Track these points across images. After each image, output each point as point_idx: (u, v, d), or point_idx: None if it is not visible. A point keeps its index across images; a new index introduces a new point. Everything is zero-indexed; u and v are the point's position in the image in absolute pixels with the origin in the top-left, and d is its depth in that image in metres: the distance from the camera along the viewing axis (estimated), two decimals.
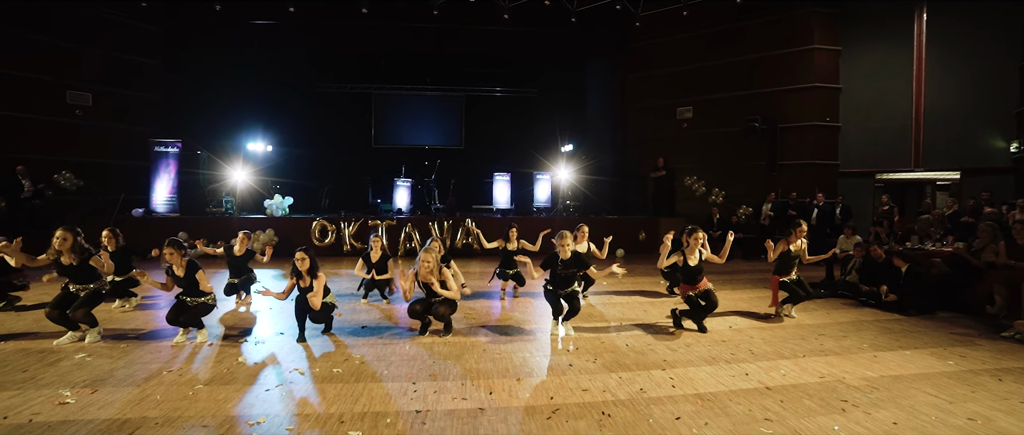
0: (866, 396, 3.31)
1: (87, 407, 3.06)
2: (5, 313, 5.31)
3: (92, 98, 10.79)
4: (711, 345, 4.39)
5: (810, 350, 4.28)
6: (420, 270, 4.42)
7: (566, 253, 4.52)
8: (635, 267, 9.06)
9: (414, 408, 3.06)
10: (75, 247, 4.19)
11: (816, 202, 9.98)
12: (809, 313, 5.60)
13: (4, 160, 9.39)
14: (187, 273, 4.30)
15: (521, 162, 13.55)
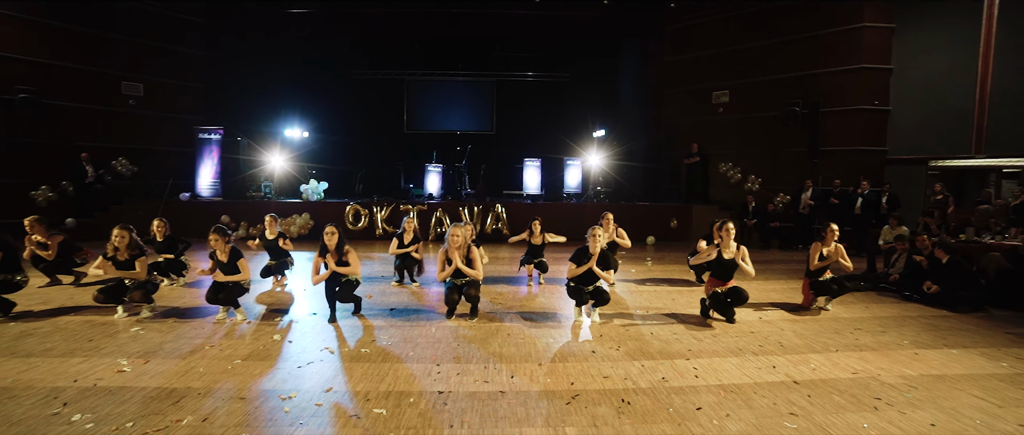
0: (903, 395, 3.17)
1: (140, 376, 3.31)
2: (75, 288, 5.82)
3: (144, 88, 11.35)
4: (739, 336, 4.30)
5: (844, 345, 4.13)
6: (449, 244, 4.47)
7: (596, 249, 4.48)
8: (665, 255, 8.92)
9: (437, 389, 3.14)
10: (131, 244, 4.54)
11: (860, 190, 9.47)
12: (845, 306, 5.38)
13: (70, 148, 10.05)
14: (230, 259, 4.53)
15: (552, 148, 13.45)
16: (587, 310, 4.74)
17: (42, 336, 4.12)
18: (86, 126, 10.55)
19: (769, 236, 10.26)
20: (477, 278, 4.55)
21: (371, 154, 14.03)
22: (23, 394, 3.06)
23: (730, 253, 4.65)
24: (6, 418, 2.76)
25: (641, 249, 9.65)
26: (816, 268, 5.09)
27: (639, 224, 10.32)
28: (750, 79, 11.61)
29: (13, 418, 2.76)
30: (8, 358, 3.64)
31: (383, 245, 9.63)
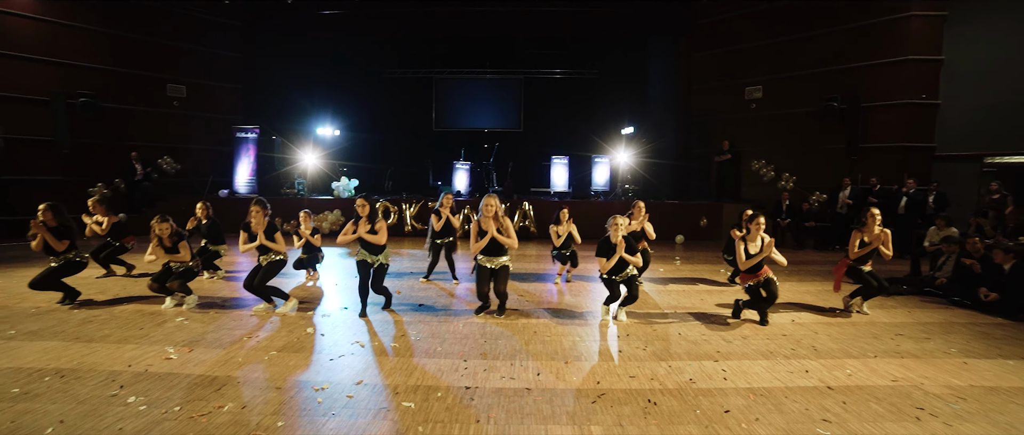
0: (949, 406, 3.00)
1: (186, 363, 3.49)
2: (128, 279, 6.24)
3: (186, 90, 11.86)
4: (770, 338, 4.19)
5: (883, 351, 3.97)
6: (484, 213, 4.48)
7: (617, 236, 4.45)
8: (695, 254, 8.76)
9: (464, 384, 3.20)
10: (173, 232, 4.83)
11: (905, 189, 9.00)
12: (886, 310, 5.17)
13: (120, 147, 10.62)
14: (266, 231, 4.68)
15: (579, 145, 13.37)
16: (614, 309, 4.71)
17: (100, 323, 4.40)
18: (136, 126, 11.11)
19: (804, 236, 9.92)
20: (512, 246, 4.53)
21: (400, 152, 14.26)
22: (87, 376, 3.30)
23: (755, 247, 4.53)
24: (74, 396, 3.01)
25: (669, 248, 9.51)
26: (857, 256, 4.85)
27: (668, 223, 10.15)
28: (784, 74, 11.22)
29: (80, 397, 3.00)
30: (73, 342, 3.93)
31: (412, 241, 9.81)
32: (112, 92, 10.78)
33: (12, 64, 9.84)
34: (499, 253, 4.55)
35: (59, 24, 10.25)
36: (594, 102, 14.48)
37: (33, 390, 3.10)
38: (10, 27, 9.79)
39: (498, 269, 4.59)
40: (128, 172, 10.35)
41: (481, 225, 4.49)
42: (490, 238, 4.44)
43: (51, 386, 3.15)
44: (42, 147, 10.16)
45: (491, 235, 4.44)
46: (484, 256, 4.58)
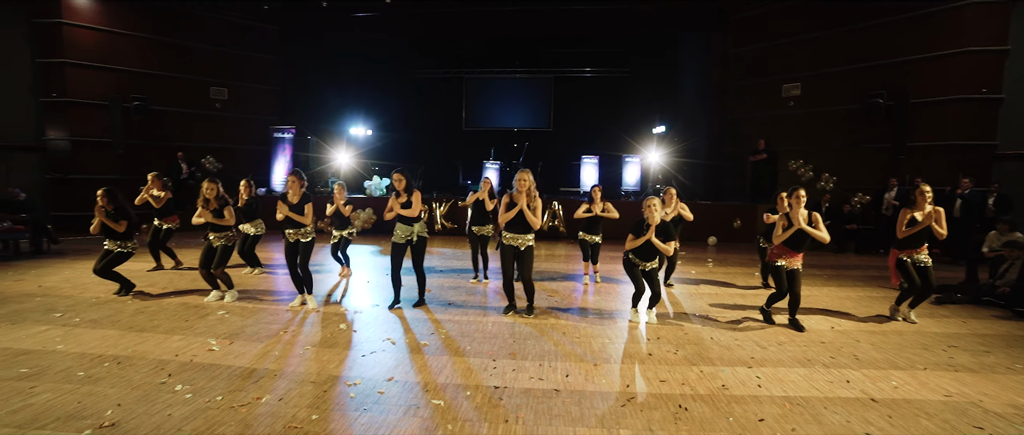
0: (1013, 426, 2.78)
1: (227, 355, 3.65)
2: (174, 271, 6.61)
3: (227, 92, 12.37)
4: (807, 345, 4.05)
5: (935, 363, 3.75)
6: (517, 187, 4.50)
7: (655, 219, 4.38)
8: (728, 256, 8.55)
9: (493, 384, 3.22)
10: (219, 196, 5.07)
11: (959, 190, 8.41)
12: (937, 319, 4.90)
13: (168, 147, 11.18)
14: (300, 202, 4.81)
15: (610, 144, 13.23)
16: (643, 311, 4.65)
17: (150, 314, 4.65)
18: (181, 128, 11.67)
19: (844, 239, 9.52)
20: (535, 224, 4.51)
21: (431, 151, 14.44)
22: (139, 363, 3.51)
23: (801, 218, 4.33)
24: (129, 382, 3.21)
25: (702, 250, 9.31)
26: (905, 236, 4.50)
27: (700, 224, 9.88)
28: (825, 69, 10.77)
29: (134, 382, 3.20)
30: (128, 331, 4.18)
31: (442, 240, 9.92)
32: (161, 95, 11.38)
33: (78, 72, 10.58)
34: (525, 231, 4.54)
35: (118, 33, 10.92)
36: (625, 101, 14.30)
37: (95, 374, 3.32)
38: (78, 38, 10.54)
39: (523, 251, 4.57)
40: (174, 171, 10.88)
41: (512, 198, 4.51)
42: (518, 211, 4.43)
43: (110, 371, 3.36)
44: (101, 148, 10.80)
45: (520, 208, 4.43)
46: (510, 233, 4.58)
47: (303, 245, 4.87)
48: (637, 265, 4.48)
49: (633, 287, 4.59)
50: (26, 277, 6.24)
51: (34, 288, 5.67)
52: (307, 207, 4.82)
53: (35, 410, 2.84)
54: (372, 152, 13.47)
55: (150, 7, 11.20)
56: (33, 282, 5.97)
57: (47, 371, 3.38)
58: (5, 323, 4.40)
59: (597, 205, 6.00)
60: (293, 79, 13.30)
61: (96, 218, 5.15)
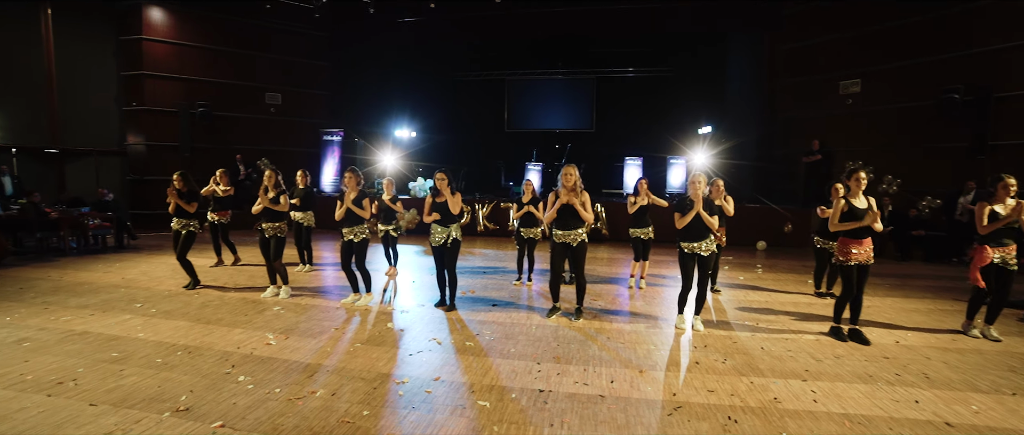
0: None
1: (283, 350, 3.86)
2: (234, 267, 7.04)
3: (281, 97, 13.02)
4: (869, 360, 3.83)
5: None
6: (563, 183, 4.47)
7: (699, 194, 4.27)
8: (778, 263, 8.20)
9: (537, 387, 3.25)
10: (277, 184, 5.37)
11: None
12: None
13: (227, 150, 11.90)
14: (356, 198, 4.99)
15: (654, 145, 12.98)
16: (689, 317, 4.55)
17: (214, 308, 4.98)
18: (239, 131, 12.41)
19: (910, 246, 8.90)
20: (587, 219, 4.49)
21: (473, 152, 14.64)
22: (206, 353, 3.78)
23: (862, 203, 4.07)
24: (198, 370, 3.46)
25: (751, 255, 8.97)
26: (987, 231, 4.12)
27: (748, 227, 9.60)
28: (890, 64, 10.09)
29: (203, 371, 3.45)
30: (196, 323, 4.51)
31: (484, 241, 10.05)
32: (222, 102, 12.16)
33: (154, 82, 11.57)
34: (574, 225, 4.51)
35: (186, 46, 11.84)
36: (669, 101, 13.98)
37: (170, 362, 3.61)
38: (154, 52, 11.54)
39: (575, 246, 4.53)
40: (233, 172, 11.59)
41: (558, 195, 4.50)
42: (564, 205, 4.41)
43: (182, 360, 3.64)
44: (170, 151, 11.66)
45: (564, 201, 4.41)
46: (559, 230, 4.56)
47: (357, 244, 5.06)
48: (692, 255, 4.36)
49: (681, 288, 4.49)
50: (112, 269, 6.84)
51: (118, 280, 6.20)
52: (364, 202, 4.99)
53: (125, 391, 3.15)
54: (416, 154, 13.81)
55: (215, 20, 12.01)
56: (118, 274, 6.54)
57: (132, 356, 3.71)
58: (98, 311, 4.87)
59: (643, 197, 5.89)
60: (341, 83, 13.84)
61: (171, 198, 5.63)
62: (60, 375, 3.38)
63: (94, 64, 11.45)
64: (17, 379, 3.32)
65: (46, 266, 7.13)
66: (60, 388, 3.18)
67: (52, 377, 3.35)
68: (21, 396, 3.08)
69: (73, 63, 11.14)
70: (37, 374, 3.40)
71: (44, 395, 3.09)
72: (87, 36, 11.33)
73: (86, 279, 6.27)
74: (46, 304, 5.12)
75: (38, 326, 4.41)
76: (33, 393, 3.11)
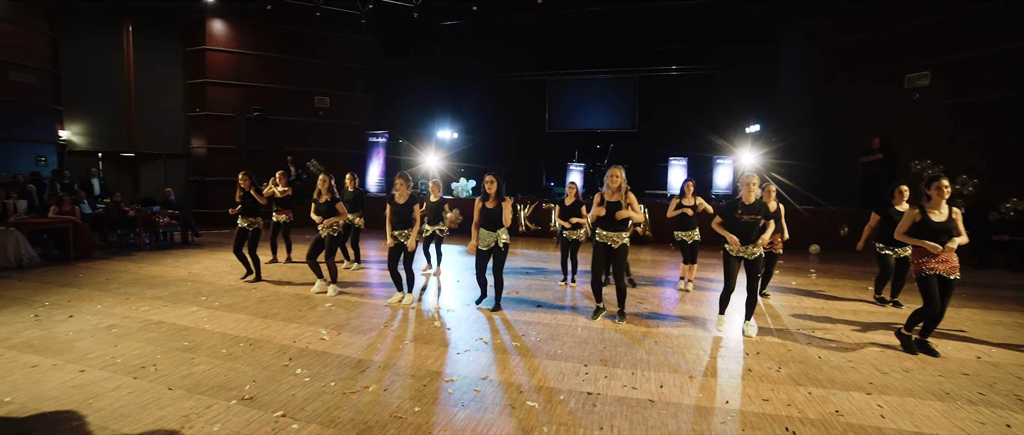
0: None
1: (336, 345, 4.01)
2: (287, 264, 7.41)
3: (330, 101, 13.54)
4: (944, 376, 3.56)
5: None
6: (608, 185, 4.41)
7: (750, 197, 4.12)
8: (833, 267, 7.81)
9: (586, 389, 3.23)
10: (330, 188, 5.61)
11: None
12: None
13: (279, 152, 12.49)
14: (407, 202, 5.10)
15: (699, 145, 12.63)
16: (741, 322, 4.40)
17: (271, 303, 5.24)
18: (290, 134, 13.00)
19: (990, 253, 8.22)
20: (637, 218, 4.42)
21: (515, 153, 14.71)
22: (266, 346, 3.99)
23: (941, 215, 3.77)
24: (259, 362, 3.66)
25: (803, 259, 8.58)
26: None
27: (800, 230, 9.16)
28: (966, 54, 9.29)
29: (263, 363, 3.65)
30: (255, 317, 4.76)
31: (526, 242, 10.08)
32: (274, 105, 12.81)
33: (215, 89, 12.36)
34: (619, 228, 4.46)
35: (243, 54, 12.53)
36: (715, 99, 13.55)
37: (234, 352, 3.84)
38: (215, 61, 12.34)
39: (616, 249, 4.47)
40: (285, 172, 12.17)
41: (603, 196, 4.45)
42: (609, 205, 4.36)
43: (244, 351, 3.86)
44: (228, 153, 12.37)
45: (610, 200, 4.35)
46: (603, 231, 4.50)
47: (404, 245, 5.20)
48: (738, 256, 4.22)
49: (723, 287, 4.35)
50: (179, 264, 7.34)
51: (185, 274, 6.64)
52: (415, 207, 5.10)
53: (197, 378, 3.38)
54: (458, 155, 14.01)
55: (269, 29, 12.63)
56: (184, 269, 7.00)
57: (201, 346, 3.97)
58: (170, 303, 5.24)
59: (689, 199, 5.74)
60: (386, 86, 14.24)
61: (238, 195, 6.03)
62: (142, 360, 3.68)
63: (164, 74, 12.34)
64: (109, 361, 3.66)
65: (125, 259, 7.74)
66: (143, 372, 3.47)
67: (136, 362, 3.65)
68: (114, 377, 3.39)
69: (147, 74, 12.12)
70: (124, 358, 3.73)
71: (131, 377, 3.38)
72: (159, 49, 12.25)
73: (158, 272, 6.76)
74: (127, 295, 5.55)
75: (122, 314, 4.81)
76: (122, 375, 3.41)
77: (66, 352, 3.84)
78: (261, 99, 12.61)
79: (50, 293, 5.62)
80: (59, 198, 8.02)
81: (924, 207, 3.85)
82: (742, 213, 4.17)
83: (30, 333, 4.26)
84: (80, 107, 11.58)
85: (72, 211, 7.94)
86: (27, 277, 6.43)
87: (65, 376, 3.39)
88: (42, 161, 10.84)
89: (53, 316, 4.74)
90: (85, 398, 3.07)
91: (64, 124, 11.44)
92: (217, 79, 12.32)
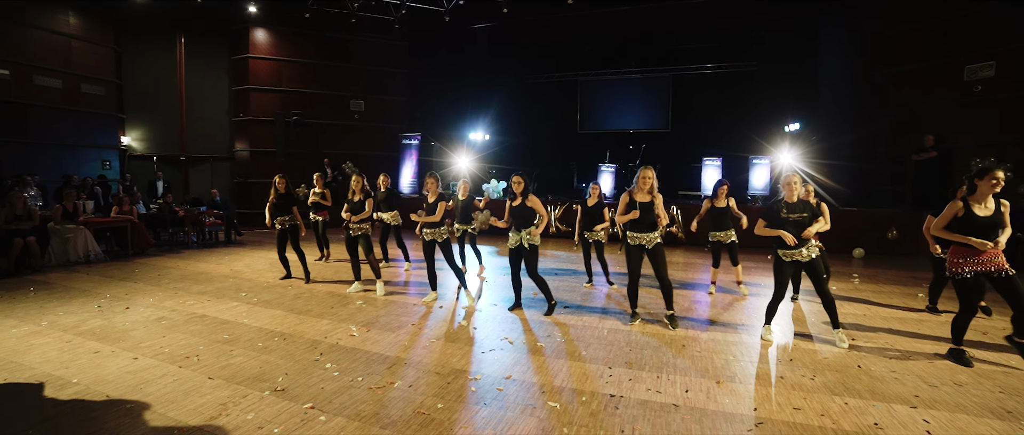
0: None
1: (365, 342, 4.13)
2: (323, 263, 7.66)
3: (364, 104, 13.91)
4: (1004, 392, 3.28)
5: None
6: (639, 185, 4.33)
7: (793, 196, 3.97)
8: (879, 272, 7.41)
9: (609, 392, 3.20)
10: (363, 188, 5.74)
11: None
12: None
13: (316, 155, 12.94)
14: (436, 201, 5.22)
15: (735, 145, 12.24)
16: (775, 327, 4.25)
17: (305, 299, 5.44)
18: (327, 137, 13.44)
19: None
20: (662, 222, 4.34)
21: (546, 154, 14.67)
22: (298, 341, 4.15)
23: (987, 209, 3.47)
24: (292, 356, 3.81)
25: (846, 263, 8.18)
26: None
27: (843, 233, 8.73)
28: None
29: (295, 357, 3.79)
30: (290, 313, 4.95)
31: (556, 243, 10.06)
32: (312, 110, 13.28)
33: (257, 95, 12.97)
34: (650, 229, 4.37)
35: (283, 60, 13.08)
36: (751, 97, 13.06)
37: (269, 346, 4.01)
38: (258, 68, 12.95)
39: (652, 249, 4.37)
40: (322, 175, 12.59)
41: (633, 196, 4.38)
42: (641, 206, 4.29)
43: (279, 345, 4.03)
44: (269, 156, 12.92)
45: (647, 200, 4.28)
46: (634, 232, 4.42)
47: (441, 244, 5.29)
48: (792, 262, 4.06)
49: (771, 297, 4.21)
50: (223, 262, 7.71)
51: (227, 271, 6.98)
52: (440, 204, 5.20)
53: (235, 369, 3.56)
54: (490, 156, 14.10)
55: (307, 36, 13.13)
56: (227, 266, 7.36)
57: (239, 339, 4.16)
58: (213, 298, 5.54)
59: (721, 201, 5.58)
60: (419, 89, 14.50)
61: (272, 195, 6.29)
62: (187, 351, 3.91)
63: (212, 82, 13.03)
64: (159, 350, 3.91)
65: (174, 256, 8.21)
66: (187, 361, 3.68)
67: (182, 352, 3.88)
68: (161, 365, 3.63)
69: (197, 82, 12.87)
70: (171, 348, 3.98)
71: (177, 366, 3.60)
72: (207, 58, 12.96)
73: (203, 269, 7.13)
74: (176, 289, 5.89)
75: (171, 308, 5.11)
76: (169, 364, 3.65)
77: (122, 341, 4.13)
78: (300, 104, 13.10)
79: (111, 286, 6.04)
80: (119, 199, 8.58)
81: (967, 200, 3.56)
82: (787, 212, 4.03)
83: (94, 322, 4.62)
84: (138, 115, 12.39)
85: (130, 211, 8.48)
86: (93, 271, 6.93)
87: (121, 362, 3.66)
88: (107, 165, 11.66)
89: (113, 307, 5.10)
90: (137, 383, 3.31)
91: (125, 130, 12.24)
92: (259, 85, 12.90)
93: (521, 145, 14.87)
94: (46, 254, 7.22)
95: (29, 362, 3.68)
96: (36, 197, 8.91)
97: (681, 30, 12.91)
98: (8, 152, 9.96)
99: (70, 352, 3.88)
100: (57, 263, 7.29)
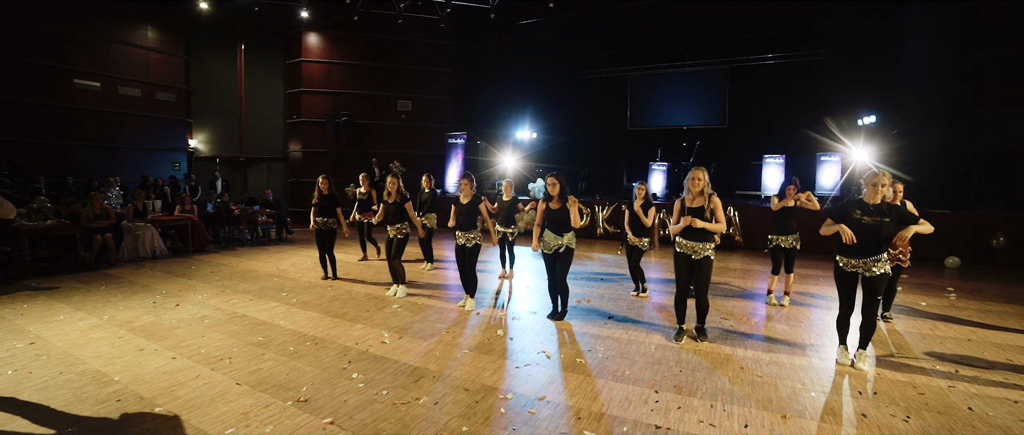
0: None
1: (395, 350, 3.96)
2: (362, 263, 7.66)
3: (412, 104, 14.00)
4: None
5: None
6: (689, 188, 3.97)
7: (876, 197, 3.44)
8: (982, 286, 6.45)
9: (654, 422, 2.83)
10: (399, 189, 5.57)
11: None
12: None
13: (364, 154, 13.16)
14: (471, 202, 5.03)
15: (799, 141, 11.25)
16: (853, 350, 3.68)
17: (342, 301, 5.39)
18: (375, 137, 13.64)
19: None
20: (719, 230, 3.92)
21: (594, 153, 14.21)
22: (329, 346, 4.06)
23: None
24: (320, 363, 3.72)
25: (937, 275, 7.21)
26: None
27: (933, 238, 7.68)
28: None
29: (323, 364, 3.70)
30: (325, 315, 4.90)
31: (603, 245, 9.62)
32: (361, 111, 13.51)
33: (309, 97, 13.37)
34: (703, 238, 3.95)
35: (334, 63, 13.42)
36: (819, 88, 11.91)
37: (300, 351, 3.95)
38: (310, 71, 13.37)
39: (699, 260, 3.95)
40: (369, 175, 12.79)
41: (685, 202, 3.99)
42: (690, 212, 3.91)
43: (309, 350, 3.95)
44: (320, 156, 13.29)
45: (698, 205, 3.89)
46: (684, 240, 4.01)
47: (469, 249, 5.08)
48: (853, 273, 3.55)
49: (838, 311, 3.68)
50: (271, 260, 7.91)
51: (273, 270, 7.11)
52: (480, 206, 5.02)
53: (262, 375, 3.50)
54: (536, 155, 13.81)
55: (356, 39, 13.38)
56: (273, 265, 7.52)
57: (272, 342, 4.13)
58: (255, 297, 5.60)
59: (790, 199, 5.02)
60: (465, 88, 14.43)
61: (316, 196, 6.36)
62: (221, 353, 3.91)
63: (268, 85, 13.60)
64: (195, 351, 3.94)
65: (228, 254, 8.52)
66: (219, 364, 3.67)
67: (216, 354, 3.88)
68: (196, 366, 3.64)
69: (255, 86, 13.46)
70: (208, 349, 3.99)
71: (209, 368, 3.60)
72: (264, 63, 13.55)
73: (252, 267, 7.31)
74: (224, 287, 6.04)
75: (215, 306, 5.21)
76: (202, 365, 3.66)
77: (166, 339, 4.21)
78: (349, 105, 13.38)
79: (168, 282, 6.29)
80: (182, 199, 9.03)
81: None
82: (862, 214, 3.48)
83: (146, 318, 4.78)
84: (203, 118, 13.14)
85: (192, 210, 8.90)
86: (156, 267, 7.29)
87: (160, 362, 3.72)
88: (176, 166, 12.45)
89: (166, 304, 5.27)
90: (170, 385, 3.31)
91: (192, 134, 13.00)
92: (311, 88, 13.29)
93: (568, 143, 14.46)
94: (120, 250, 7.70)
95: (84, 356, 3.82)
96: (118, 197, 9.58)
97: (739, 19, 11.98)
98: (100, 156, 10.97)
99: (119, 348, 3.99)
100: (129, 258, 7.77)
